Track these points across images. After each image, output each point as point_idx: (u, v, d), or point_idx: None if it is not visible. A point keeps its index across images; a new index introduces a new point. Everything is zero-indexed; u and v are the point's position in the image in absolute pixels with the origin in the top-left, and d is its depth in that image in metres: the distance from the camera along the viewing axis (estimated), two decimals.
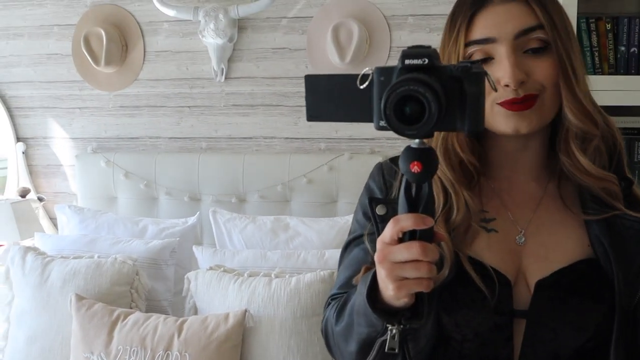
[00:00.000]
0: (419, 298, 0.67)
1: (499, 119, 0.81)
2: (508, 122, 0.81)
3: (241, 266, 1.92)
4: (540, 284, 0.81)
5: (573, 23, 0.85)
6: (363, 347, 0.76)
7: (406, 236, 0.63)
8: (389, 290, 0.65)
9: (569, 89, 0.80)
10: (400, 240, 0.63)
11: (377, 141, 2.25)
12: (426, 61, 0.58)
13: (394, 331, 0.69)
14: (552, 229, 0.85)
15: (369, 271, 0.72)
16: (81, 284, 1.88)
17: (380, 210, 0.73)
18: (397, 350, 0.69)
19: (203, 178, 2.29)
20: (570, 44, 0.81)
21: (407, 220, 0.62)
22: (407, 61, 0.58)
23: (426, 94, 0.56)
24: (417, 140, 0.60)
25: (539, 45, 0.80)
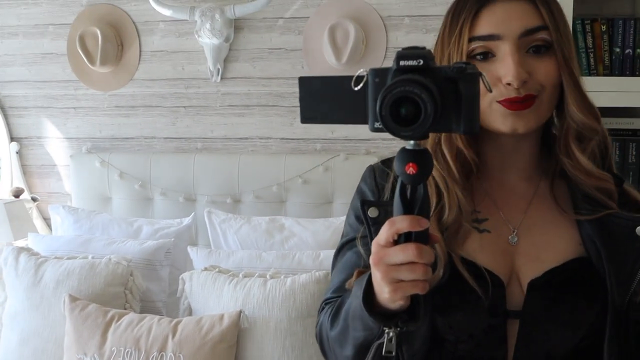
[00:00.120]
0: (414, 300, 0.67)
1: (496, 117, 0.81)
2: (506, 121, 0.81)
3: (236, 267, 1.91)
4: (533, 283, 0.81)
5: (569, 24, 0.85)
6: (359, 351, 0.76)
7: (401, 238, 0.63)
8: (384, 293, 0.65)
9: (574, 85, 0.81)
10: (395, 242, 0.63)
11: (373, 142, 2.25)
12: (421, 62, 0.58)
13: (391, 334, 0.69)
14: (544, 228, 0.86)
15: (362, 275, 0.72)
16: (75, 284, 1.87)
17: (373, 212, 0.73)
18: (394, 353, 0.69)
19: (198, 178, 2.28)
20: (569, 45, 0.82)
21: (403, 222, 0.62)
22: (402, 62, 0.58)
23: (422, 95, 0.56)
24: (412, 142, 0.60)
25: (541, 45, 0.80)
